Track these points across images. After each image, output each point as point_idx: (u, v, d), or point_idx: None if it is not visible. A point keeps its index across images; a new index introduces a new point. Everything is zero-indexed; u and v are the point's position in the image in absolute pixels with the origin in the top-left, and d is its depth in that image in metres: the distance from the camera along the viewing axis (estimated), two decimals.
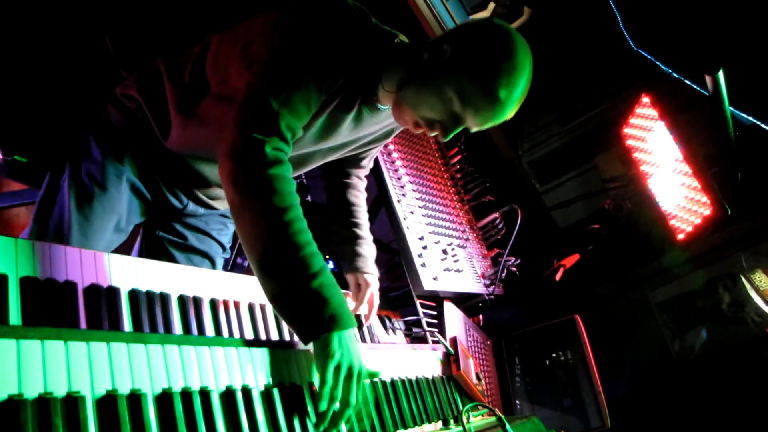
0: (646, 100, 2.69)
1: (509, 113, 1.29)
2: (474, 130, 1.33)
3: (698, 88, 2.65)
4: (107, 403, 0.81)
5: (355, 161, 1.75)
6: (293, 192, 1.16)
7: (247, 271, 2.49)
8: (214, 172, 1.51)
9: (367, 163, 1.79)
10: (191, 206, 1.61)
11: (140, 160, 1.48)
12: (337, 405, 1.09)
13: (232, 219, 1.19)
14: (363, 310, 1.63)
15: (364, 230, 1.72)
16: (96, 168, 1.42)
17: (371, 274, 1.67)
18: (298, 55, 1.21)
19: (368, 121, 1.44)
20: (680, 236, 2.55)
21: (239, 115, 1.18)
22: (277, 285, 1.11)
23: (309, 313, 1.10)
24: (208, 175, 1.52)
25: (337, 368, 1.10)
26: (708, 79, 2.02)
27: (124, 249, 1.48)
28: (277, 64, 1.21)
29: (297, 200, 1.16)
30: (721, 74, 1.97)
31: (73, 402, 0.77)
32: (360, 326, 1.62)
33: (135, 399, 0.84)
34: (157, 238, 1.63)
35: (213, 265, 1.72)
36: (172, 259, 1.64)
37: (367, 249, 1.69)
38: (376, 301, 1.66)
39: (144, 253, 1.63)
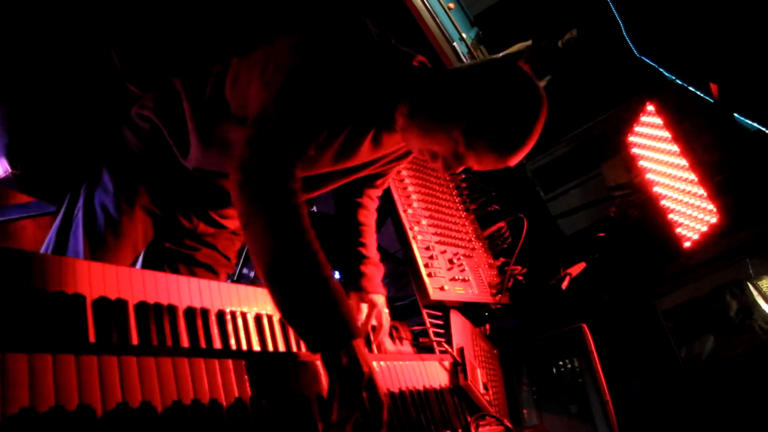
0: (651, 107, 2.69)
1: (513, 162, 1.29)
2: (474, 170, 1.34)
3: (703, 95, 2.65)
4: (118, 416, 0.81)
5: (370, 180, 1.74)
6: (301, 205, 1.17)
7: (253, 282, 2.49)
8: None
9: (381, 183, 1.79)
10: (202, 227, 1.62)
11: (153, 184, 1.49)
12: (345, 410, 1.09)
13: (241, 231, 1.20)
14: (371, 328, 1.62)
15: (371, 250, 1.70)
16: (108, 198, 1.44)
17: (377, 293, 1.65)
18: (315, 77, 1.22)
19: (387, 142, 1.45)
20: (687, 244, 2.55)
21: (251, 130, 1.20)
22: (285, 297, 1.11)
23: (316, 325, 1.10)
24: (226, 193, 1.53)
25: (345, 377, 1.10)
26: (713, 86, 2.02)
27: None
28: (293, 84, 1.22)
29: (305, 212, 1.17)
30: (726, 81, 1.97)
31: (83, 416, 0.77)
32: (368, 341, 1.62)
33: (145, 412, 0.84)
34: (163, 249, 1.64)
35: (216, 276, 1.73)
36: (175, 271, 1.65)
37: (372, 269, 1.67)
38: (386, 320, 1.64)
39: (148, 264, 1.63)
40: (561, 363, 2.12)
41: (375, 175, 1.73)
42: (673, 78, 2.78)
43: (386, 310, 1.66)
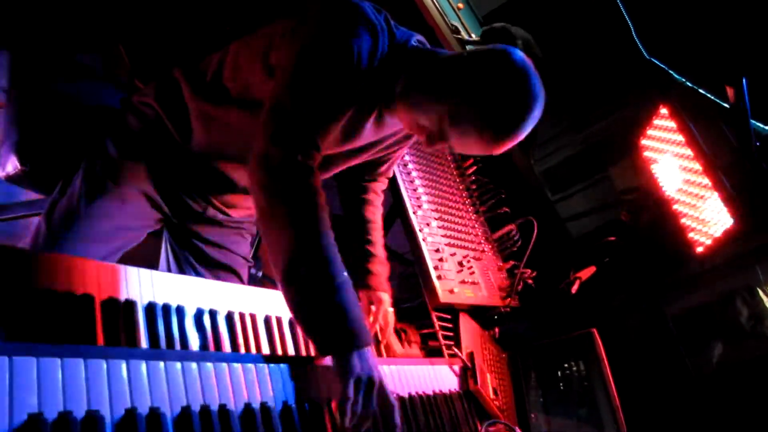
0: (664, 111, 2.66)
1: (497, 151, 1.28)
2: (456, 151, 1.33)
3: (715, 99, 2.61)
4: (127, 422, 0.79)
5: (374, 168, 1.74)
6: (323, 204, 1.16)
7: (262, 283, 2.48)
8: (237, 174, 1.51)
9: (386, 170, 1.78)
10: (211, 210, 1.60)
11: (157, 167, 1.48)
12: (357, 418, 1.08)
13: (259, 227, 1.19)
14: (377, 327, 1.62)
15: (378, 248, 1.72)
16: (111, 163, 1.44)
17: (383, 292, 1.66)
18: (321, 63, 1.21)
19: (389, 122, 1.45)
20: (699, 249, 2.51)
21: (269, 124, 1.18)
22: (300, 296, 1.10)
23: (329, 327, 1.09)
24: (233, 177, 1.52)
25: (358, 382, 1.08)
26: (729, 89, 1.99)
27: (148, 263, 1.47)
28: (303, 72, 1.21)
29: (326, 212, 1.16)
30: (743, 84, 1.94)
31: (92, 421, 0.75)
32: (378, 344, 1.61)
33: (154, 418, 0.82)
34: (183, 257, 1.64)
35: (240, 278, 1.73)
36: (199, 275, 1.65)
37: (380, 267, 1.69)
38: (391, 319, 1.65)
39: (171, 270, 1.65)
40: (570, 367, 2.09)
41: (377, 163, 1.73)
42: (683, 80, 2.74)
43: (391, 309, 1.66)
